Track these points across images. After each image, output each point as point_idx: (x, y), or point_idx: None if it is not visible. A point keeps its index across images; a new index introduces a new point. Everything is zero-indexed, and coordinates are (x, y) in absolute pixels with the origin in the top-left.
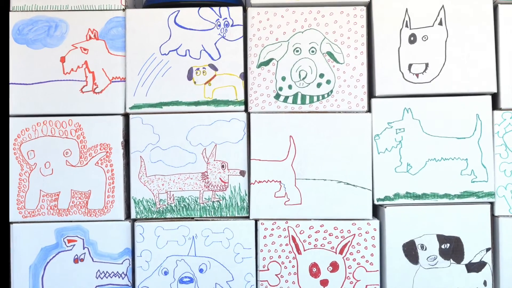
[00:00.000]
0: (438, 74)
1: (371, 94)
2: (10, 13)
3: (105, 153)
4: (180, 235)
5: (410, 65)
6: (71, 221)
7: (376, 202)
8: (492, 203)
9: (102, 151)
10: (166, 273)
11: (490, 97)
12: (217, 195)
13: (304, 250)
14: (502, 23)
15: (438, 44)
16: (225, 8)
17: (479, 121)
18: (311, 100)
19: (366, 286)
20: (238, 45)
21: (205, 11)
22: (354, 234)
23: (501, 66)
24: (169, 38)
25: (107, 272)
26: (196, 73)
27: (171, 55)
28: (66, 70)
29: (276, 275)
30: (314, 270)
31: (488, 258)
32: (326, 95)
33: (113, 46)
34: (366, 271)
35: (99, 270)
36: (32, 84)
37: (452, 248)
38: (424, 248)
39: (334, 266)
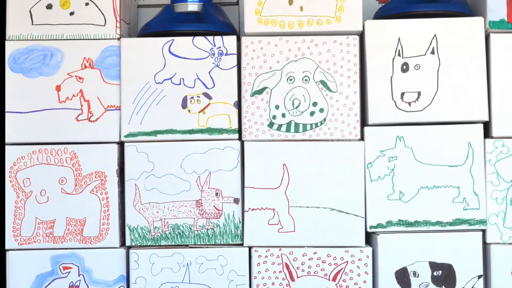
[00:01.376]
0: (430, 103)
1: (364, 122)
2: (6, 42)
3: (100, 181)
4: (174, 262)
5: (402, 94)
6: (66, 248)
7: (369, 230)
8: (484, 231)
9: (97, 179)
10: None
11: (482, 125)
12: (211, 223)
13: (298, 277)
14: (493, 52)
15: (430, 73)
16: (219, 37)
17: (471, 149)
18: (305, 128)
19: None
20: (232, 74)
21: (200, 40)
22: (347, 261)
23: (493, 94)
24: (164, 67)
25: None
26: (191, 101)
27: (166, 84)
28: (62, 99)
29: None
30: None
31: (480, 285)
32: (319, 124)
33: (108, 75)
34: None
35: None
36: (28, 112)
37: (444, 275)
38: (417, 275)
39: None
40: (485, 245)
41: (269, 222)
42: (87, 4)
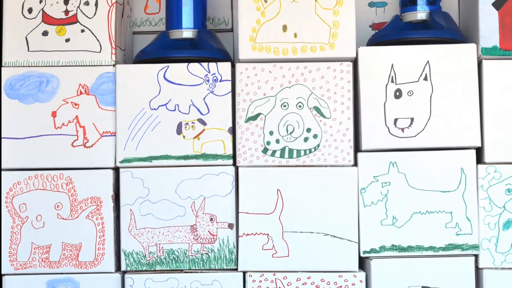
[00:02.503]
0: (423, 129)
1: (357, 148)
2: (2, 68)
3: (96, 206)
4: (169, 287)
5: (395, 120)
6: (62, 273)
7: (362, 255)
8: (476, 256)
9: (93, 204)
10: None
11: (474, 151)
12: (206, 248)
13: None
14: (486, 78)
15: (423, 99)
16: (214, 63)
17: (463, 174)
18: (298, 154)
19: None
20: (226, 100)
21: (194, 66)
22: (341, 286)
23: (485, 120)
24: (159, 93)
25: None
26: (185, 127)
27: (161, 110)
28: (57, 125)
29: None
30: None
31: None
32: (313, 149)
33: (103, 101)
34: None
35: None
36: (24, 138)
37: None
38: None
39: None
40: (478, 270)
41: (263, 247)
42: (82, 31)
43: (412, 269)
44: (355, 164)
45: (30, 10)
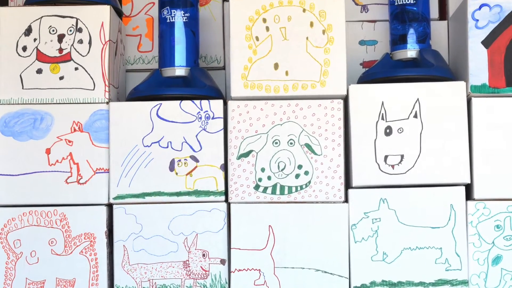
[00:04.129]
0: (413, 166)
1: (348, 184)
2: None
3: (89, 242)
4: None
5: (386, 157)
6: None
7: None
8: None
9: (87, 240)
10: None
11: (463, 187)
12: (199, 283)
13: None
14: (475, 116)
15: (413, 136)
16: (206, 101)
17: (453, 211)
18: (290, 190)
19: None
20: (218, 137)
21: (187, 104)
22: None
23: (475, 157)
24: (152, 131)
25: None
26: (178, 164)
27: (154, 147)
28: (51, 162)
29: None
30: None
31: None
32: (304, 186)
33: (97, 138)
34: None
35: None
36: (19, 175)
37: None
38: None
39: None
40: None
41: (255, 282)
42: (76, 68)
43: None
44: (346, 201)
45: (24, 48)
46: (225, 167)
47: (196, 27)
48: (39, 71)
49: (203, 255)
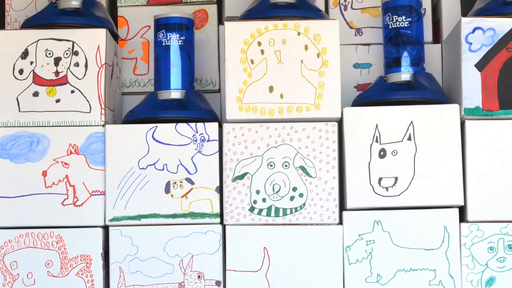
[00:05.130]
0: (407, 188)
1: (342, 206)
2: None
3: (86, 264)
4: None
5: (380, 179)
6: None
7: None
8: None
9: (83, 262)
10: None
11: (457, 209)
12: None
13: None
14: (469, 138)
15: (407, 158)
16: (202, 124)
17: (446, 233)
18: (285, 212)
19: None
20: (214, 160)
21: (182, 127)
22: None
23: (468, 179)
24: (147, 153)
25: None
26: (174, 186)
27: (149, 169)
28: (48, 184)
29: None
30: None
31: None
32: (299, 208)
33: (93, 161)
34: None
35: None
36: (15, 197)
37: None
38: None
39: None
40: None
41: None
42: (72, 91)
43: None
44: (340, 223)
45: (21, 71)
46: (220, 189)
47: (192, 50)
48: (36, 94)
49: (199, 276)
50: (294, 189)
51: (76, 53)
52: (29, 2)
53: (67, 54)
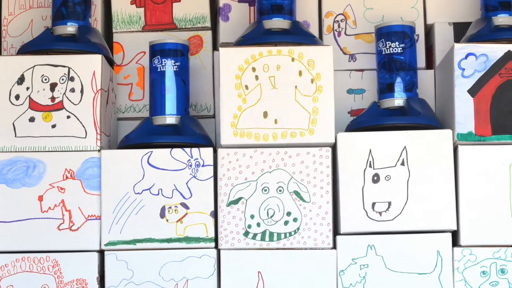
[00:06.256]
0: (400, 212)
1: (336, 231)
2: None
3: None
4: None
5: (373, 204)
6: None
7: None
8: None
9: (78, 286)
10: None
11: (450, 234)
12: None
13: None
14: (461, 163)
15: (400, 183)
16: (196, 149)
17: (439, 257)
18: (279, 237)
19: None
20: (208, 185)
21: (177, 152)
22: None
23: (461, 204)
24: (143, 178)
25: None
26: (169, 211)
27: (145, 194)
28: (44, 209)
29: None
30: None
31: None
32: (293, 233)
33: (88, 186)
34: None
35: None
36: (11, 222)
37: None
38: None
39: None
40: None
41: None
42: (68, 117)
43: None
44: (334, 247)
45: (17, 97)
46: (215, 214)
47: (187, 76)
48: (32, 119)
49: None
50: (288, 213)
51: (72, 79)
52: (25, 28)
53: (63, 79)
